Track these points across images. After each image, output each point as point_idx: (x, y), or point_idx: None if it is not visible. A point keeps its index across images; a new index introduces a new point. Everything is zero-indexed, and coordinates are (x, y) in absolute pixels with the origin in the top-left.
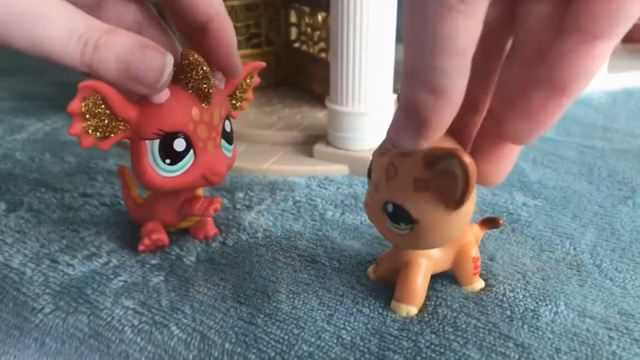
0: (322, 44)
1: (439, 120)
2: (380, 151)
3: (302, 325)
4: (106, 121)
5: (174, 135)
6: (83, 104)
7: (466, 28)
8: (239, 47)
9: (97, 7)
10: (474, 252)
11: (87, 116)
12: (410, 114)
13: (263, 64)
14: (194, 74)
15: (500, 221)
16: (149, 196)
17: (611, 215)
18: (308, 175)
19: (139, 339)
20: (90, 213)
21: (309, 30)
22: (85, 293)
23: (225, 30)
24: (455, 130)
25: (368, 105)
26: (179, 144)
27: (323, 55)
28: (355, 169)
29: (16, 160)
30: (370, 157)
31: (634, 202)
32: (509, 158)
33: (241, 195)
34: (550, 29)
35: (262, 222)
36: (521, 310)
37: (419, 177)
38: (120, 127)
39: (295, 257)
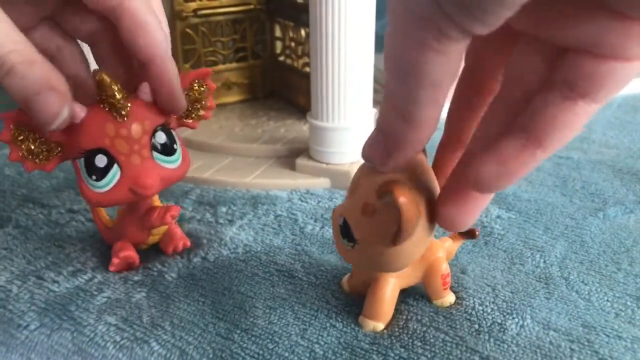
0: (306, 58)
1: (407, 145)
2: (362, 164)
3: (277, 340)
4: (35, 146)
5: (94, 152)
6: (13, 132)
7: (441, 64)
8: (225, 61)
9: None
10: (444, 268)
11: (20, 143)
12: (383, 134)
13: (208, 70)
14: (102, 92)
15: (476, 232)
16: (117, 218)
17: (582, 227)
18: (290, 188)
19: (120, 355)
20: (77, 229)
21: (293, 44)
22: (69, 310)
23: (167, 71)
24: (441, 164)
25: (348, 120)
26: (100, 160)
27: (307, 69)
28: (337, 182)
29: (4, 175)
30: (352, 171)
31: (604, 214)
32: (475, 205)
33: (224, 209)
34: (539, 81)
35: (243, 237)
36: (488, 324)
37: (368, 202)
38: (54, 149)
39: (273, 272)
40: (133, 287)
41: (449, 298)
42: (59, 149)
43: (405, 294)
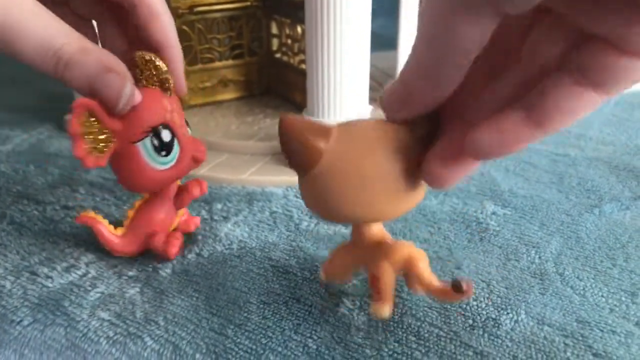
0: (302, 55)
1: (423, 101)
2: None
3: (270, 335)
4: (100, 136)
5: (159, 129)
6: (80, 122)
7: (472, 34)
8: (222, 58)
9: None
10: (379, 270)
11: (86, 135)
12: (403, 85)
13: None
14: (153, 70)
15: (467, 290)
16: (132, 218)
17: (577, 223)
18: (286, 185)
19: (113, 350)
20: (71, 225)
21: (289, 41)
22: (62, 305)
23: (177, 57)
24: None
25: (344, 117)
26: (166, 135)
27: (303, 66)
28: None
29: (0, 172)
30: None
31: (600, 210)
32: (464, 168)
33: (219, 206)
34: (556, 62)
35: (238, 233)
36: (483, 319)
37: None
38: (111, 139)
39: (268, 267)
40: (127, 282)
41: (379, 309)
42: (113, 139)
43: (399, 289)
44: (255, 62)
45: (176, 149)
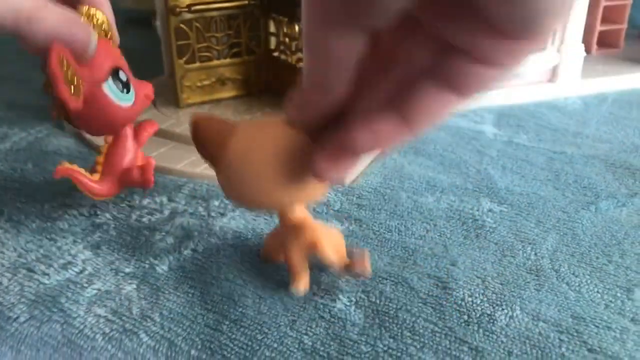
0: (300, 54)
1: (316, 107)
2: None
3: (266, 331)
4: (74, 81)
5: (117, 70)
6: (59, 65)
7: (340, 45)
8: (220, 57)
9: None
10: (287, 251)
11: (65, 77)
12: (299, 92)
13: None
14: (96, 22)
15: (360, 274)
16: (108, 163)
17: (574, 220)
18: None
19: (109, 347)
20: (69, 222)
21: (287, 40)
22: (59, 302)
23: (108, 15)
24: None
25: None
26: (123, 75)
27: (301, 64)
28: None
29: None
30: None
31: (596, 207)
32: (345, 163)
33: (216, 203)
34: (423, 69)
35: (234, 225)
36: (478, 315)
37: None
38: (82, 83)
39: (263, 262)
40: (124, 279)
41: (293, 286)
42: (83, 83)
43: (396, 286)
44: (253, 60)
45: (131, 88)
